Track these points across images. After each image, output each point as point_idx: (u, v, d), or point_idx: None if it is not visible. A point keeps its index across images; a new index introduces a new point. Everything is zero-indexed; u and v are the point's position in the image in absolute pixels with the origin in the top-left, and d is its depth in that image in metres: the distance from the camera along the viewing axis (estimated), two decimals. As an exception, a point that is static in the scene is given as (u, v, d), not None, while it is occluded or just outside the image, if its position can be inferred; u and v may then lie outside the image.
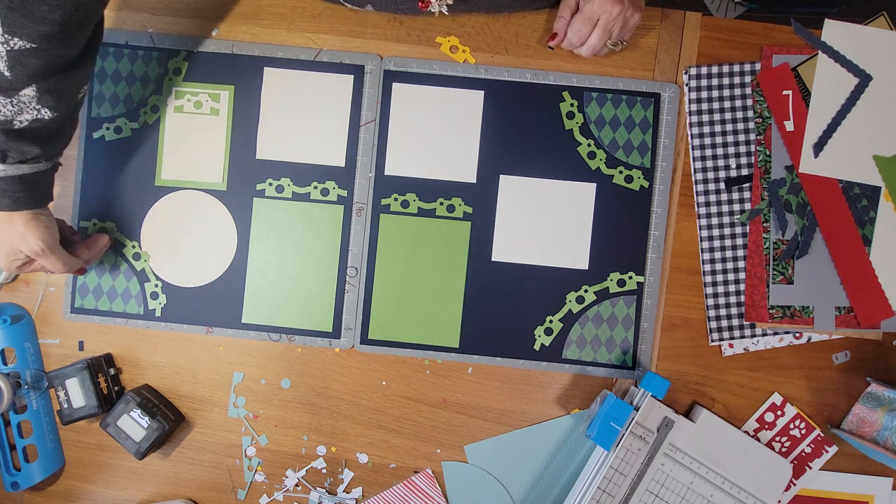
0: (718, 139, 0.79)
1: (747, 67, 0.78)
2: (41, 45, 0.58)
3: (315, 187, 0.80)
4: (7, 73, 0.59)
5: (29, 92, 0.61)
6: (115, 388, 0.80)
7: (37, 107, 0.62)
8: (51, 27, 0.57)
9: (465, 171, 0.80)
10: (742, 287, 0.78)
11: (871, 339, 0.79)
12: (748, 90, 0.78)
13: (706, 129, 0.79)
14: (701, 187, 0.79)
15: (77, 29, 0.61)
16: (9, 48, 0.57)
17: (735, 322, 0.79)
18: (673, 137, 0.79)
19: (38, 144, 0.65)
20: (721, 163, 0.79)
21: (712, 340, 0.79)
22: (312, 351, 0.81)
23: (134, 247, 0.81)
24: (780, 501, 0.79)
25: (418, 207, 0.80)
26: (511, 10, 0.78)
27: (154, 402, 0.78)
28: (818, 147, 0.77)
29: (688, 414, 0.79)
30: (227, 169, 0.80)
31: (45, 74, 0.61)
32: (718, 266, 0.79)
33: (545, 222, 0.79)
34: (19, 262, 0.69)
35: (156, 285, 0.81)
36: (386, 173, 0.80)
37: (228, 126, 0.80)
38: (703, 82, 0.79)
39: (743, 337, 0.79)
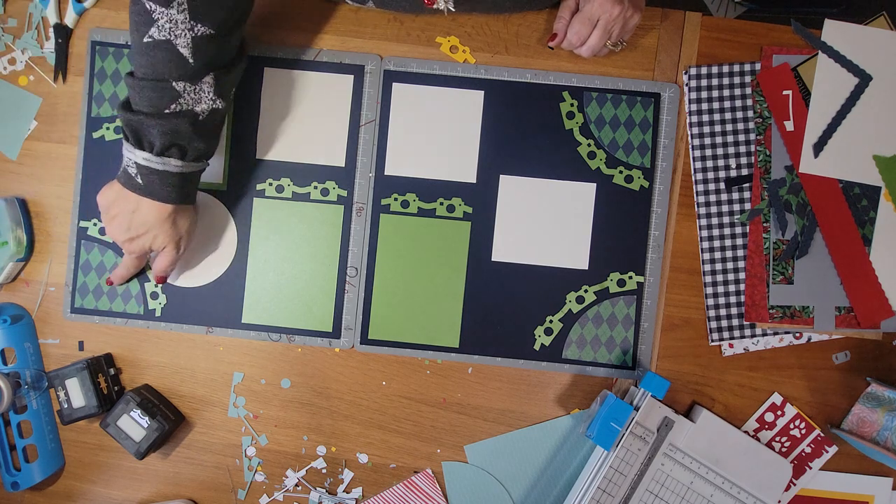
0: (718, 139, 0.79)
1: (747, 67, 0.78)
2: (218, 33, 0.64)
3: (315, 187, 0.80)
4: (191, 61, 0.64)
5: (208, 80, 0.66)
6: (115, 388, 0.80)
7: (213, 97, 0.67)
8: (226, 14, 0.64)
9: (465, 171, 0.80)
10: (742, 287, 0.78)
11: (871, 339, 0.79)
12: (748, 90, 0.78)
13: (706, 129, 0.79)
14: (701, 187, 0.79)
15: (240, 19, 0.68)
16: (194, 34, 0.63)
17: (735, 322, 0.79)
18: (673, 137, 0.79)
19: (208, 141, 0.69)
20: (721, 163, 0.79)
21: (712, 340, 0.79)
22: (312, 351, 0.81)
23: (134, 247, 0.81)
24: (780, 501, 0.79)
25: (418, 207, 0.80)
26: (512, 11, 0.78)
27: (154, 402, 0.78)
28: (818, 147, 0.77)
29: (688, 414, 0.79)
30: (227, 169, 0.80)
31: (219, 64, 0.67)
32: (718, 266, 0.79)
33: (545, 222, 0.79)
34: (156, 249, 0.73)
35: (156, 285, 0.81)
36: (386, 173, 0.80)
37: (228, 126, 0.80)
38: (703, 82, 0.79)
39: (743, 337, 0.79)
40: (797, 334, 0.79)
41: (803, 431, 0.79)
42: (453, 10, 0.74)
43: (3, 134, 0.81)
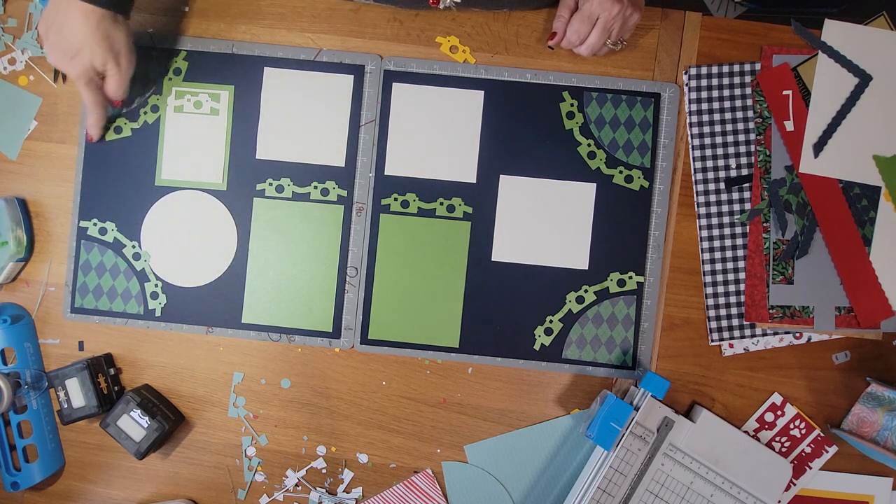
0: (718, 139, 0.79)
1: (747, 67, 0.78)
2: None
3: (315, 187, 0.80)
4: None
5: None
6: (115, 388, 0.80)
7: None
8: None
9: (465, 171, 0.80)
10: (742, 287, 0.78)
11: (871, 339, 0.79)
12: (748, 90, 0.78)
13: (706, 129, 0.79)
14: (701, 187, 0.79)
15: None
16: None
17: (735, 322, 0.79)
18: (673, 137, 0.79)
19: None
20: (721, 163, 0.79)
21: (712, 340, 0.79)
22: (312, 351, 0.81)
23: (134, 247, 0.81)
24: (780, 501, 0.79)
25: (418, 207, 0.80)
26: (511, 8, 0.78)
27: (154, 402, 0.78)
28: (818, 147, 0.77)
29: (688, 414, 0.79)
30: (227, 169, 0.80)
31: None
32: (718, 266, 0.79)
33: (545, 222, 0.79)
34: (98, 67, 0.71)
35: (156, 285, 0.81)
36: (386, 173, 0.80)
37: (228, 126, 0.80)
38: (703, 82, 0.79)
39: (743, 337, 0.79)
40: (797, 334, 0.79)
41: (803, 431, 0.79)
42: (458, 1, 0.73)
43: (3, 134, 0.81)
